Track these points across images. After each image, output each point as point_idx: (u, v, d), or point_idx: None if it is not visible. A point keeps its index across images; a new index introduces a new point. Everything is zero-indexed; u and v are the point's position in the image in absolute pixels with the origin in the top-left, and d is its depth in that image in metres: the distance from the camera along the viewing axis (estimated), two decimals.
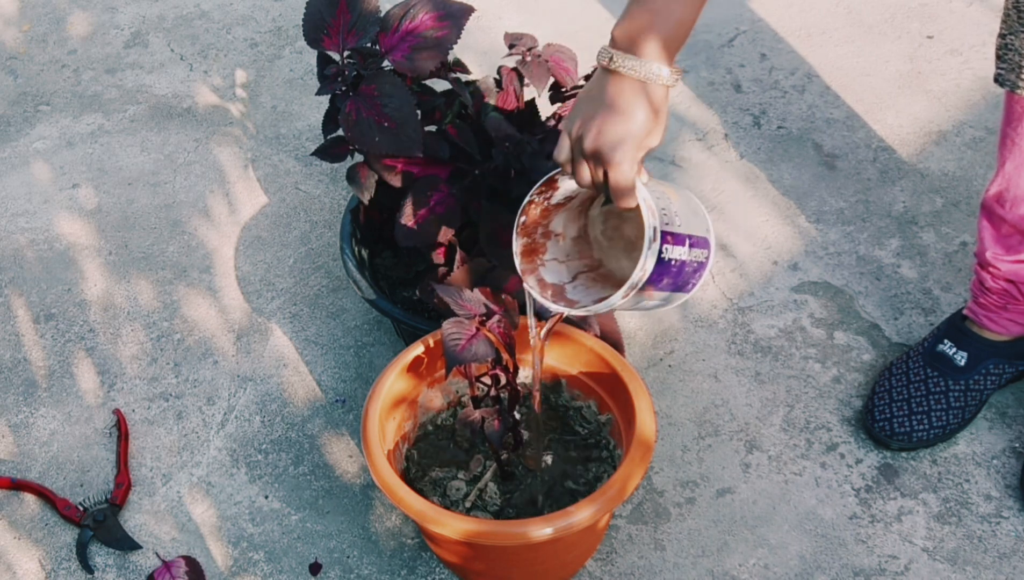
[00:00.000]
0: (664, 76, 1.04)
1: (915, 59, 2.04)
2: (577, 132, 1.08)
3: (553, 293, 1.20)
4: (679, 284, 1.18)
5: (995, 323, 1.45)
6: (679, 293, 1.20)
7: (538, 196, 1.19)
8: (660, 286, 1.15)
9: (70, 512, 1.46)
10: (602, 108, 1.06)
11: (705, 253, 1.20)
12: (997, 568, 1.35)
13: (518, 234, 1.19)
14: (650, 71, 1.04)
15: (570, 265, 1.24)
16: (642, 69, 1.04)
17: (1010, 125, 1.29)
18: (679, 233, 1.14)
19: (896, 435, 1.45)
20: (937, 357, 1.48)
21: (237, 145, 1.99)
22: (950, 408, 1.46)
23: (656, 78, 1.04)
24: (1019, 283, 1.40)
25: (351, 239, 1.53)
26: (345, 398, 1.58)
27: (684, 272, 1.17)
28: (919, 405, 1.46)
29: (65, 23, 2.30)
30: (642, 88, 1.04)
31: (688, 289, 1.20)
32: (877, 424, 1.47)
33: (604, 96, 1.06)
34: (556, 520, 1.16)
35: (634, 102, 1.05)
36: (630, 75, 1.04)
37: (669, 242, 1.12)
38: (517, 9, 2.23)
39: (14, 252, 1.83)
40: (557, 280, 1.21)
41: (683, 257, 1.15)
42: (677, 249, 1.13)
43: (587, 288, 1.22)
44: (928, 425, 1.45)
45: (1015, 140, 1.29)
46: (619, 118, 1.05)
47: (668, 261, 1.13)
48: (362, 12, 1.38)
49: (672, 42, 1.04)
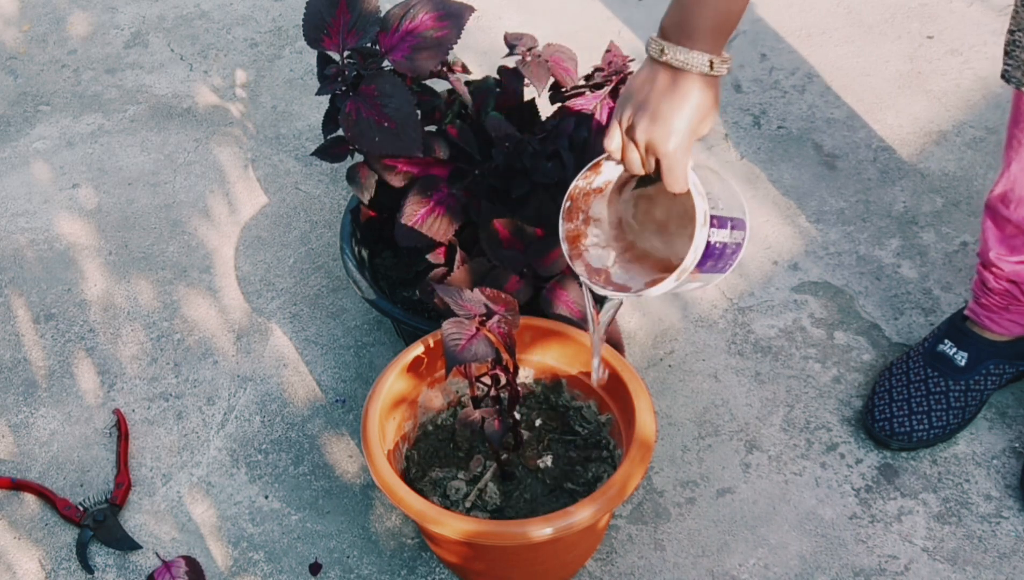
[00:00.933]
0: (714, 65, 1.06)
1: (915, 59, 2.04)
2: (628, 121, 1.10)
3: (604, 279, 1.22)
4: (720, 266, 1.21)
5: (996, 324, 1.45)
6: (717, 274, 1.23)
7: (582, 181, 1.21)
8: (704, 269, 1.18)
9: (70, 512, 1.46)
10: (653, 98, 1.08)
11: (743, 234, 1.22)
12: (997, 568, 1.35)
13: (563, 220, 1.21)
14: (700, 61, 1.06)
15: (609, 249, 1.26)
16: (692, 60, 1.06)
17: (1017, 125, 1.29)
18: (723, 216, 1.17)
19: (896, 435, 1.45)
20: (937, 357, 1.48)
21: (237, 145, 1.99)
22: (950, 408, 1.46)
23: (705, 68, 1.06)
24: (1021, 284, 1.40)
25: (351, 239, 1.53)
26: (345, 398, 1.58)
27: (725, 254, 1.19)
28: (919, 405, 1.46)
29: (65, 23, 2.30)
30: (693, 78, 1.06)
31: (726, 269, 1.23)
32: (877, 424, 1.47)
33: (655, 86, 1.08)
34: (556, 520, 1.16)
35: (686, 92, 1.07)
36: (680, 66, 1.06)
37: (715, 225, 1.14)
38: (517, 9, 2.23)
39: (14, 252, 1.83)
40: (601, 265, 1.24)
41: (725, 239, 1.17)
42: (721, 232, 1.16)
43: (626, 270, 1.24)
44: (928, 425, 1.45)
45: (1021, 140, 1.29)
46: (671, 108, 1.07)
47: (713, 244, 1.15)
48: (362, 12, 1.38)
49: (721, 30, 1.06)
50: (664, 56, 1.07)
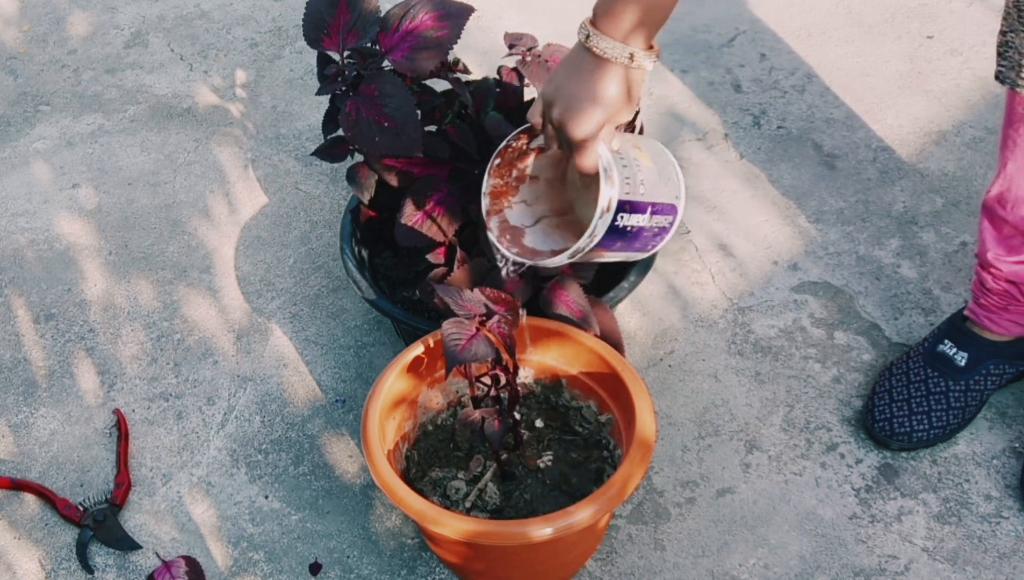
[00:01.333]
0: (637, 58, 1.06)
1: (915, 59, 2.04)
2: (548, 99, 1.11)
3: (511, 237, 1.24)
4: (636, 247, 1.22)
5: (996, 324, 1.45)
6: (638, 253, 1.25)
7: (515, 141, 1.23)
8: (613, 249, 1.20)
9: (70, 512, 1.46)
10: (573, 81, 1.08)
11: (669, 219, 1.23)
12: (997, 568, 1.35)
13: (489, 175, 1.24)
14: (621, 53, 1.05)
15: (536, 208, 1.28)
16: (614, 50, 1.05)
17: (1011, 126, 1.29)
18: (640, 201, 1.17)
19: (896, 435, 1.45)
20: (937, 357, 1.48)
21: (237, 145, 1.99)
22: (950, 408, 1.46)
23: (626, 60, 1.06)
24: (1020, 284, 1.40)
25: (351, 239, 1.53)
26: (345, 398, 1.58)
27: (642, 236, 1.21)
28: (919, 405, 1.46)
29: (65, 23, 2.30)
30: (615, 69, 1.06)
31: (648, 249, 1.25)
32: (877, 424, 1.47)
33: (579, 71, 1.08)
34: (556, 520, 1.16)
35: (603, 81, 1.07)
36: (603, 55, 1.06)
37: (627, 210, 1.16)
38: (517, 9, 2.23)
39: (14, 252, 1.83)
40: (519, 222, 1.26)
41: (642, 224, 1.19)
42: (636, 217, 1.17)
43: (546, 234, 1.26)
44: (928, 425, 1.45)
45: (1016, 141, 1.29)
46: (587, 95, 1.07)
47: (623, 228, 1.17)
48: (362, 12, 1.38)
49: (648, 23, 1.05)
50: (589, 43, 1.06)
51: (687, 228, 1.77)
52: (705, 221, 1.78)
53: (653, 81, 2.02)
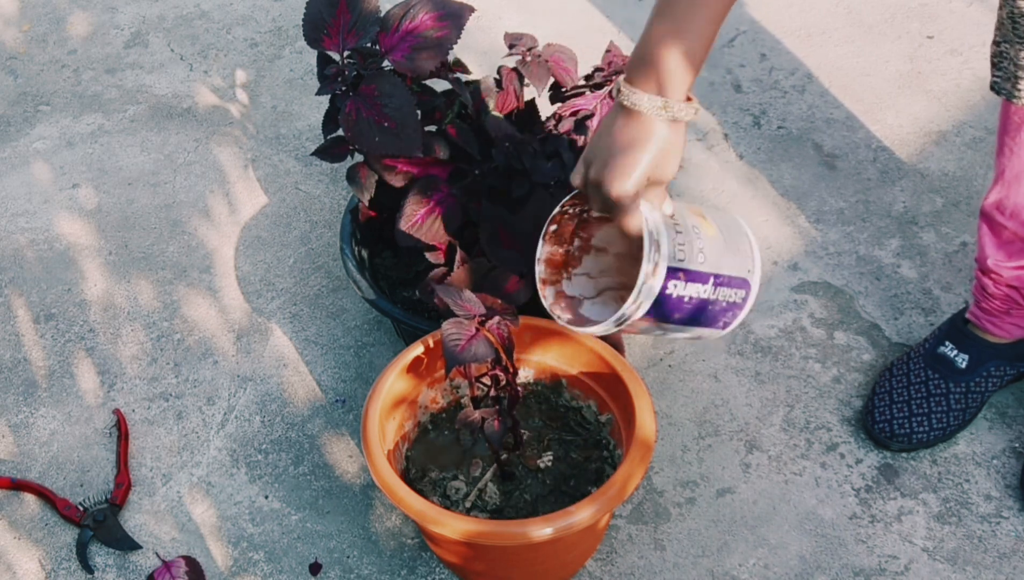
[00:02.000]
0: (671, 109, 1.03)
1: (915, 59, 2.04)
2: (587, 160, 1.08)
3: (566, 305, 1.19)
4: (701, 320, 1.15)
5: (998, 328, 1.45)
6: (708, 329, 1.17)
7: (571, 207, 1.17)
8: (672, 320, 1.13)
9: (70, 512, 1.46)
10: (608, 139, 1.06)
11: (741, 294, 1.16)
12: (997, 568, 1.35)
13: (545, 241, 1.18)
14: (656, 105, 1.03)
15: (600, 281, 1.22)
16: (649, 103, 1.03)
17: (1007, 134, 1.29)
18: (698, 271, 1.11)
19: (896, 436, 1.45)
20: (938, 359, 1.48)
21: (237, 145, 1.99)
22: (950, 410, 1.46)
23: (663, 111, 1.03)
24: (1021, 288, 1.40)
25: (351, 239, 1.53)
26: (345, 398, 1.58)
27: (708, 311, 1.14)
28: (919, 407, 1.46)
29: (65, 23, 2.30)
30: (650, 122, 1.03)
31: (718, 326, 1.17)
32: (877, 425, 1.47)
33: (614, 129, 1.05)
34: (556, 520, 1.16)
35: (640, 136, 1.04)
36: (637, 110, 1.03)
37: (680, 279, 1.09)
38: (517, 9, 2.23)
39: (14, 252, 1.83)
40: (579, 293, 1.20)
41: (702, 294, 1.12)
42: (693, 286, 1.11)
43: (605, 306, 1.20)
44: (928, 427, 1.45)
45: (1013, 149, 1.29)
46: (623, 151, 1.04)
47: (678, 297, 1.10)
48: (362, 12, 1.38)
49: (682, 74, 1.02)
50: (621, 98, 1.04)
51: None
52: None
53: None
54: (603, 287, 1.22)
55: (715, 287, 1.13)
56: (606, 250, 1.22)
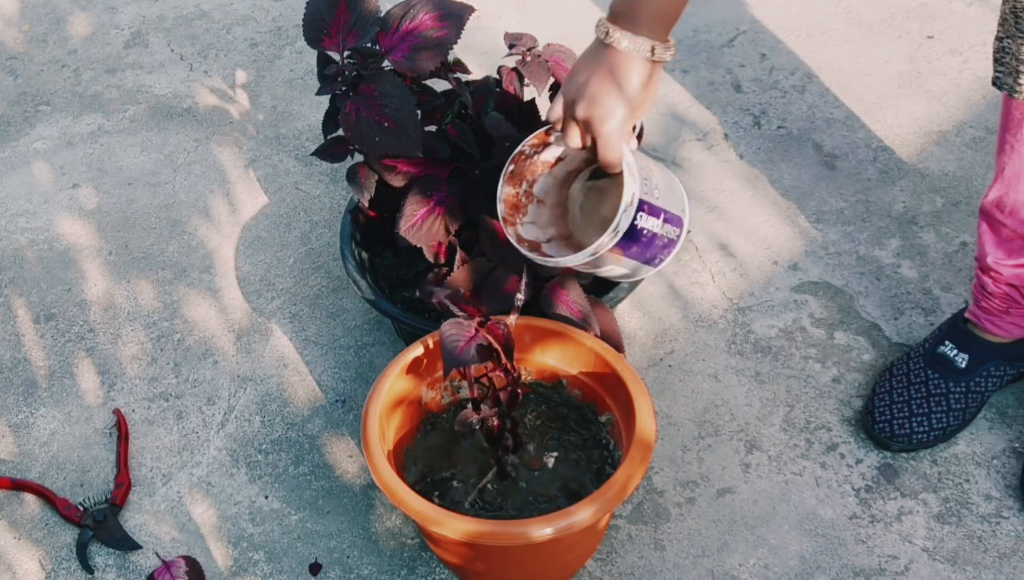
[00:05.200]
0: (656, 51, 1.10)
1: (915, 59, 2.04)
2: (570, 97, 1.15)
3: (529, 246, 1.26)
4: (647, 256, 1.24)
5: (997, 327, 1.45)
6: (646, 265, 1.26)
7: (529, 148, 1.25)
8: (629, 253, 1.21)
9: (70, 512, 1.46)
10: (595, 78, 1.12)
11: (677, 231, 1.25)
12: (997, 568, 1.36)
13: (504, 182, 1.25)
14: (643, 47, 1.10)
15: (546, 231, 1.29)
16: (635, 45, 1.10)
17: (1008, 131, 1.29)
18: (655, 205, 1.20)
19: (896, 437, 1.45)
20: (938, 359, 1.48)
21: (237, 145, 1.99)
22: (951, 410, 1.46)
23: (647, 53, 1.10)
24: (1021, 287, 1.40)
25: (351, 240, 1.53)
26: (345, 398, 1.58)
27: (654, 245, 1.22)
28: (919, 407, 1.46)
29: (65, 23, 2.30)
30: (634, 62, 1.10)
31: (655, 264, 1.26)
32: (877, 426, 1.47)
33: (599, 67, 1.12)
34: (556, 520, 1.16)
35: (626, 76, 1.11)
36: (623, 50, 1.10)
37: (645, 211, 1.18)
38: (517, 9, 2.23)
39: (14, 252, 1.83)
40: (532, 237, 1.28)
41: (655, 229, 1.21)
42: (651, 220, 1.19)
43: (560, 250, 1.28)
44: (928, 427, 1.45)
45: (1014, 145, 1.29)
46: (611, 90, 1.11)
47: (640, 230, 1.19)
48: (362, 12, 1.38)
49: (666, 18, 1.10)
50: (609, 39, 1.10)
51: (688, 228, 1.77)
52: (705, 221, 1.78)
53: None
54: (549, 236, 1.30)
55: (663, 222, 1.22)
56: (544, 203, 1.29)
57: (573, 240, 1.30)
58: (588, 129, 1.15)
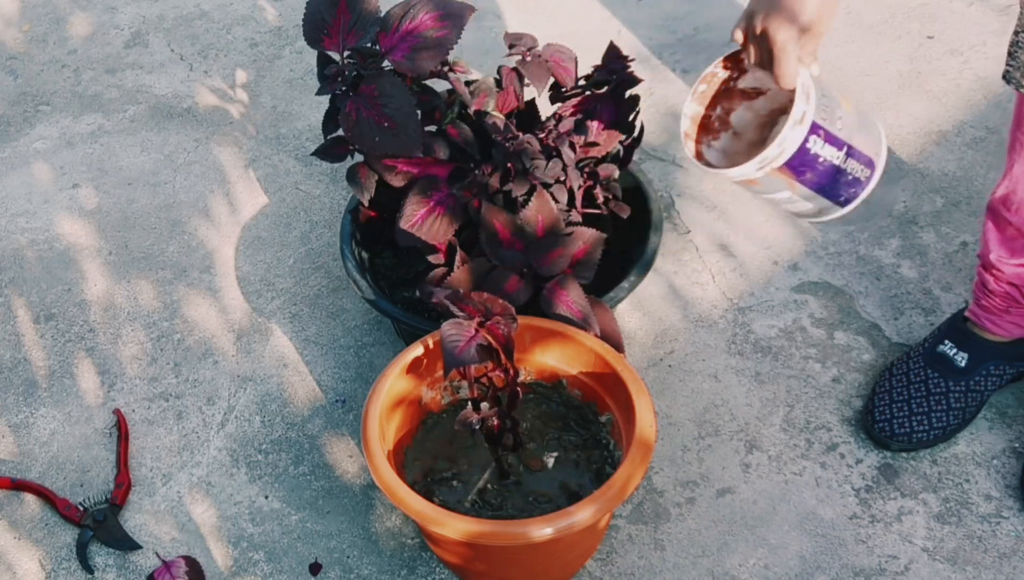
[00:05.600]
0: None
1: (915, 59, 2.04)
2: (750, 10, 1.16)
3: (704, 161, 1.25)
4: (827, 189, 1.20)
5: (997, 326, 1.45)
6: (829, 201, 1.22)
7: (721, 69, 1.24)
8: (802, 179, 1.18)
9: (70, 512, 1.46)
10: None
11: (867, 173, 1.21)
12: (997, 568, 1.35)
13: (692, 98, 1.25)
14: None
15: (734, 159, 1.28)
16: None
17: (1020, 128, 1.29)
18: (836, 135, 1.17)
19: (896, 436, 1.45)
20: (938, 358, 1.48)
21: (237, 145, 1.99)
22: (950, 409, 1.46)
23: None
24: (1022, 286, 1.40)
25: (351, 240, 1.53)
26: (345, 398, 1.58)
27: (835, 178, 1.19)
28: (919, 406, 1.46)
29: (65, 23, 2.30)
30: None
31: (840, 201, 1.22)
32: (877, 425, 1.47)
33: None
34: (556, 520, 1.16)
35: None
36: None
37: (820, 136, 1.16)
38: (517, 9, 2.23)
39: (14, 252, 1.83)
40: (714, 161, 1.26)
41: (833, 160, 1.18)
42: (829, 148, 1.17)
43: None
44: (928, 426, 1.45)
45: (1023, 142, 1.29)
46: (788, 6, 1.12)
47: (814, 155, 1.16)
48: (362, 12, 1.38)
49: None
50: None
51: (687, 228, 1.77)
52: (705, 221, 1.78)
53: (654, 81, 2.02)
54: (735, 164, 1.27)
55: (847, 157, 1.19)
56: (740, 136, 1.27)
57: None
58: (765, 39, 1.15)
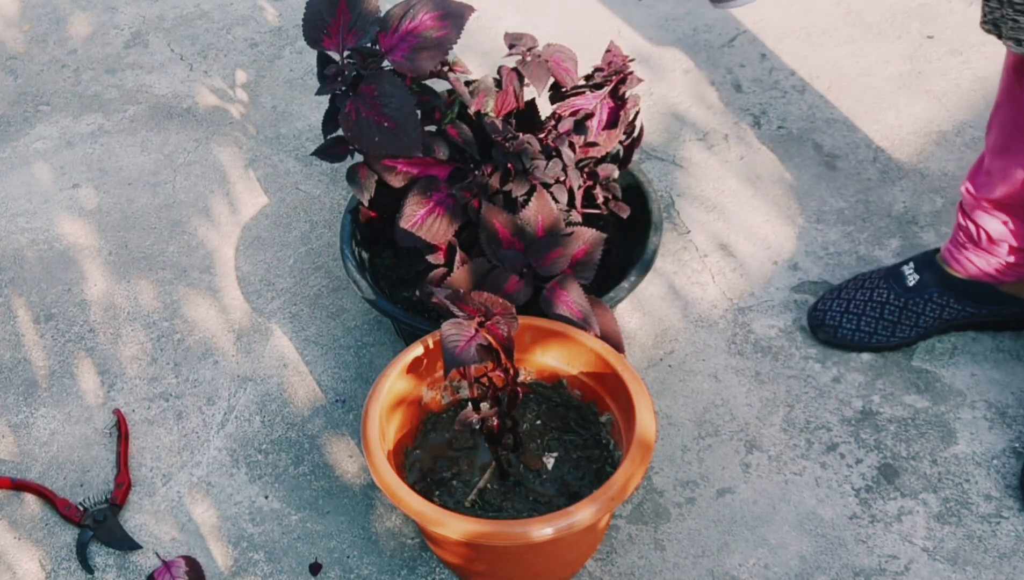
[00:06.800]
0: None
1: (915, 59, 2.04)
2: None
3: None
4: None
5: (955, 261, 1.52)
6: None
7: None
8: None
9: (70, 512, 1.46)
10: None
11: None
12: (997, 568, 1.36)
13: None
14: None
15: None
16: None
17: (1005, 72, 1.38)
18: None
19: (824, 326, 1.55)
20: (894, 274, 1.56)
21: (237, 145, 1.99)
22: (881, 318, 1.53)
23: None
24: (981, 226, 1.46)
25: (351, 240, 1.53)
26: (345, 398, 1.59)
27: None
28: (856, 307, 1.55)
29: (65, 23, 2.30)
30: None
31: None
32: (814, 312, 1.57)
33: None
34: (556, 520, 1.16)
35: None
36: None
37: None
38: (517, 9, 2.23)
39: (14, 252, 1.83)
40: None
41: None
42: None
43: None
44: (855, 327, 1.54)
45: None
46: None
47: None
48: (362, 12, 1.38)
49: None
50: None
51: (687, 228, 1.77)
52: (705, 221, 1.78)
53: (653, 81, 2.02)
54: None
55: None
56: None
57: None
58: None
